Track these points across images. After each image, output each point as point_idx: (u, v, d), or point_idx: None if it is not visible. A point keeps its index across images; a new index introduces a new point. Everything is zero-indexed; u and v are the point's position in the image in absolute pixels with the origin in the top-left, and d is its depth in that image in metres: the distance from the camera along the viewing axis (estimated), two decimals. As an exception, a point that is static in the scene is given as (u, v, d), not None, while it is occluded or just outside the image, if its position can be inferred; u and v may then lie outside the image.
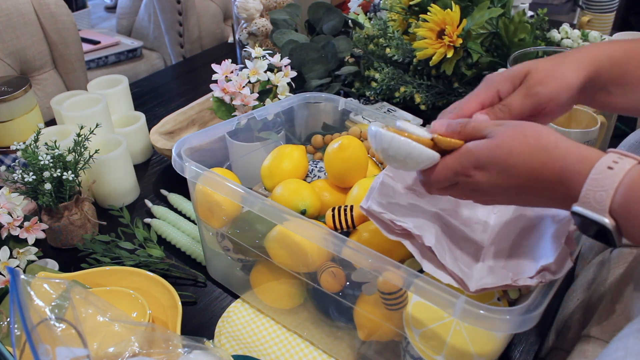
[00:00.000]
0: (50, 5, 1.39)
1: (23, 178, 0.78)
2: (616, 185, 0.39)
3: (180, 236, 0.85)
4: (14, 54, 1.36)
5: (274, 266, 0.66)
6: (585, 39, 1.16)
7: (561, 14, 2.52)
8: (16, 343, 0.51)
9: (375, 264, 0.52)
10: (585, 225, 0.42)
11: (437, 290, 0.49)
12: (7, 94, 0.92)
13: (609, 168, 0.40)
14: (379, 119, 0.83)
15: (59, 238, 0.85)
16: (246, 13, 1.25)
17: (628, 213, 0.39)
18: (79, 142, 0.83)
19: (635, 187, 0.39)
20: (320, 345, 0.69)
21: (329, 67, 1.06)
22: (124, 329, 0.59)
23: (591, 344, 0.53)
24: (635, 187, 0.39)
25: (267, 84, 0.90)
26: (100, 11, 2.76)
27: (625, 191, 0.39)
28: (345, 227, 0.64)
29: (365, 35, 1.16)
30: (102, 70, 1.92)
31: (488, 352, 0.53)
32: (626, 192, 0.39)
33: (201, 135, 0.75)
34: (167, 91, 1.39)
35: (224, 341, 0.69)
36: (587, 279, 0.69)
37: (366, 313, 0.60)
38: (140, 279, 0.73)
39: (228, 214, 0.70)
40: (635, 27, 1.49)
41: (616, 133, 1.01)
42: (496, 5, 1.01)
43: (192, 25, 1.96)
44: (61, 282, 0.58)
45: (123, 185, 0.95)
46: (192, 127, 1.10)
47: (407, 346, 0.57)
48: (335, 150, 0.72)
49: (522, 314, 0.46)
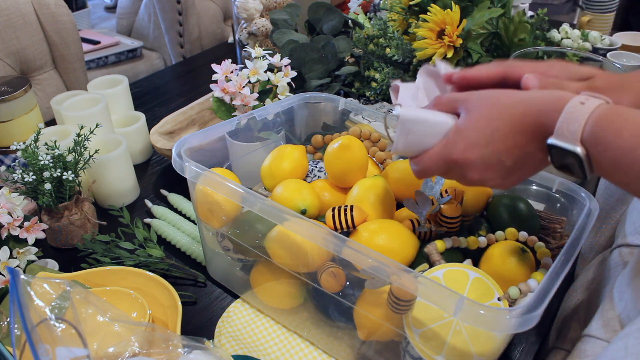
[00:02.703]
0: (50, 5, 1.39)
1: (23, 178, 0.78)
2: (587, 117, 0.43)
3: (180, 236, 0.85)
4: (14, 54, 1.36)
5: (274, 266, 0.66)
6: (585, 39, 1.16)
7: (561, 14, 2.52)
8: (16, 343, 0.51)
9: (389, 269, 0.52)
10: (559, 157, 0.45)
11: (437, 290, 0.49)
12: (7, 94, 0.92)
13: (581, 103, 0.44)
14: (378, 119, 0.83)
15: (59, 238, 0.85)
16: (246, 13, 1.25)
17: (596, 140, 0.43)
18: (79, 142, 0.83)
19: (602, 118, 0.43)
20: (320, 345, 0.69)
21: (329, 67, 1.06)
22: (124, 329, 0.59)
23: (591, 344, 0.53)
24: (602, 117, 0.43)
25: (267, 84, 0.90)
26: (100, 11, 2.76)
27: (594, 122, 0.43)
28: (345, 227, 0.64)
29: (365, 35, 1.16)
30: (102, 70, 1.92)
31: (488, 352, 0.53)
32: (594, 123, 0.43)
33: (201, 135, 0.75)
34: (167, 91, 1.39)
35: (224, 341, 0.69)
36: (587, 279, 0.69)
37: (366, 313, 0.60)
38: (140, 279, 0.73)
39: (228, 214, 0.70)
40: (635, 27, 1.49)
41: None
42: (496, 5, 1.01)
43: (192, 25, 1.96)
44: (61, 282, 0.58)
45: (123, 185, 0.95)
46: (192, 127, 1.10)
47: (407, 346, 0.57)
48: (335, 150, 0.72)
49: (522, 314, 0.46)
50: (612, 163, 0.42)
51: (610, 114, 0.43)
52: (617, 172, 0.42)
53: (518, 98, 0.49)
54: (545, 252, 0.61)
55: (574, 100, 0.44)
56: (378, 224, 0.63)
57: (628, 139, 0.41)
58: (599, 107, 0.43)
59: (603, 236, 0.79)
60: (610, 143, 0.42)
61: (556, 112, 0.45)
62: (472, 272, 0.55)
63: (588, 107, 0.43)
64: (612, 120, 0.42)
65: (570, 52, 0.95)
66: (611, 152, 0.42)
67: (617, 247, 0.64)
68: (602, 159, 0.43)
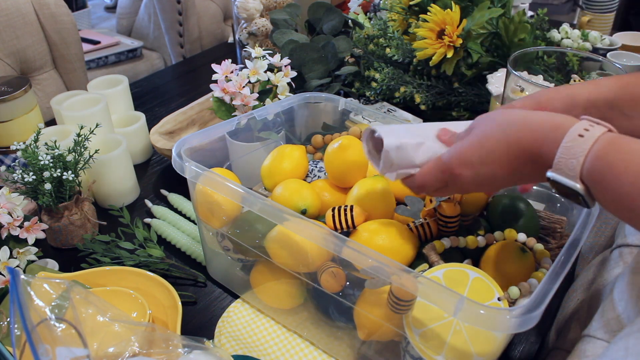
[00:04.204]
0: (50, 5, 1.39)
1: (23, 178, 0.78)
2: (585, 153, 0.42)
3: (180, 236, 0.85)
4: (14, 54, 1.36)
5: (274, 266, 0.66)
6: (585, 39, 1.16)
7: (561, 14, 2.52)
8: (16, 343, 0.51)
9: (389, 269, 0.52)
10: (560, 189, 0.45)
11: (437, 290, 0.49)
12: (7, 94, 0.92)
13: (580, 136, 0.43)
14: (378, 119, 0.83)
15: (59, 238, 0.85)
16: (246, 13, 1.25)
17: (595, 179, 0.42)
18: (79, 142, 0.83)
19: (601, 155, 0.41)
20: (320, 345, 0.69)
21: (329, 67, 1.06)
22: (124, 329, 0.59)
23: (591, 344, 0.53)
24: (602, 154, 0.41)
25: (267, 84, 0.90)
26: (100, 11, 2.76)
27: (593, 159, 0.42)
28: (345, 227, 0.63)
29: (365, 35, 1.16)
30: (102, 70, 1.92)
31: (488, 352, 0.53)
32: (594, 160, 0.41)
33: (201, 135, 0.75)
34: (167, 91, 1.39)
35: (224, 341, 0.69)
36: (587, 279, 0.69)
37: (366, 313, 0.60)
38: (140, 279, 0.73)
39: (228, 214, 0.70)
40: (635, 27, 1.49)
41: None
42: (496, 5, 1.01)
43: (192, 25, 1.96)
44: (61, 282, 0.58)
45: (123, 185, 0.95)
46: (192, 127, 1.10)
47: (407, 346, 0.57)
48: (335, 150, 0.72)
49: (522, 314, 0.46)
50: (612, 202, 0.41)
51: (610, 151, 0.41)
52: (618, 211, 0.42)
53: (515, 118, 0.48)
54: (545, 253, 0.61)
55: (572, 132, 0.43)
56: (378, 224, 0.63)
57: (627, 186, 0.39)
58: (598, 139, 0.42)
59: (603, 236, 0.79)
60: (609, 183, 0.41)
61: (554, 143, 0.44)
62: (472, 272, 0.55)
63: (586, 141, 0.42)
64: (611, 161, 0.41)
65: (570, 52, 0.95)
66: (610, 194, 0.41)
67: (617, 247, 0.64)
68: (601, 197, 0.42)
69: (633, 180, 0.39)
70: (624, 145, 0.41)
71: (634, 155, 0.40)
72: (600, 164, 0.41)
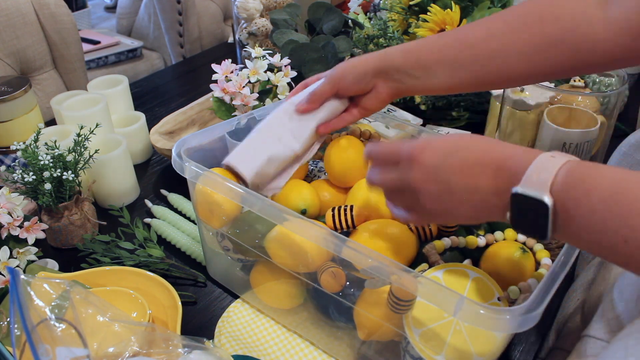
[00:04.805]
0: (50, 5, 1.39)
1: (23, 178, 0.78)
2: (558, 168, 0.42)
3: (180, 236, 0.85)
4: (14, 54, 1.36)
5: (274, 266, 0.66)
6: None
7: (561, 14, 2.51)
8: (16, 343, 0.51)
9: (389, 269, 0.52)
10: (520, 209, 0.44)
11: (437, 290, 0.49)
12: (7, 94, 0.92)
13: (552, 157, 0.43)
14: (378, 119, 0.83)
15: (59, 238, 0.85)
16: (246, 13, 1.25)
17: (567, 195, 0.41)
18: (79, 142, 0.83)
19: (573, 170, 0.42)
20: (320, 345, 0.69)
21: (329, 67, 1.05)
22: (124, 329, 0.59)
23: (591, 344, 0.53)
24: (574, 170, 0.42)
25: (267, 84, 0.90)
26: (100, 11, 2.76)
27: (565, 172, 0.42)
28: (345, 227, 0.63)
29: (365, 35, 1.16)
30: (102, 70, 1.92)
31: (488, 352, 0.53)
32: (566, 174, 0.42)
33: (201, 135, 0.75)
34: (167, 91, 1.40)
35: (224, 341, 0.69)
36: (587, 279, 0.69)
37: (366, 313, 0.60)
38: (140, 279, 0.73)
39: (228, 214, 0.70)
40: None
41: (616, 133, 1.01)
42: (496, 5, 1.01)
43: (192, 25, 1.96)
44: (61, 282, 0.58)
45: (123, 185, 0.95)
46: (192, 127, 1.10)
47: (407, 346, 0.57)
48: (335, 150, 0.72)
49: (522, 314, 0.46)
50: (580, 224, 0.41)
51: (580, 171, 0.42)
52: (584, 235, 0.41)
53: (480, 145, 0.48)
54: (545, 253, 0.61)
55: (544, 154, 0.44)
56: (378, 224, 0.63)
57: (596, 203, 0.40)
58: (568, 162, 0.42)
59: (603, 236, 0.78)
60: (580, 200, 0.41)
61: (524, 161, 0.44)
62: (472, 272, 0.56)
63: (558, 160, 0.42)
64: (582, 179, 0.41)
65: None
66: (580, 211, 0.40)
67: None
68: (571, 217, 0.41)
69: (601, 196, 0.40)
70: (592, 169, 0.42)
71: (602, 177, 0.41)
72: (572, 177, 0.41)
